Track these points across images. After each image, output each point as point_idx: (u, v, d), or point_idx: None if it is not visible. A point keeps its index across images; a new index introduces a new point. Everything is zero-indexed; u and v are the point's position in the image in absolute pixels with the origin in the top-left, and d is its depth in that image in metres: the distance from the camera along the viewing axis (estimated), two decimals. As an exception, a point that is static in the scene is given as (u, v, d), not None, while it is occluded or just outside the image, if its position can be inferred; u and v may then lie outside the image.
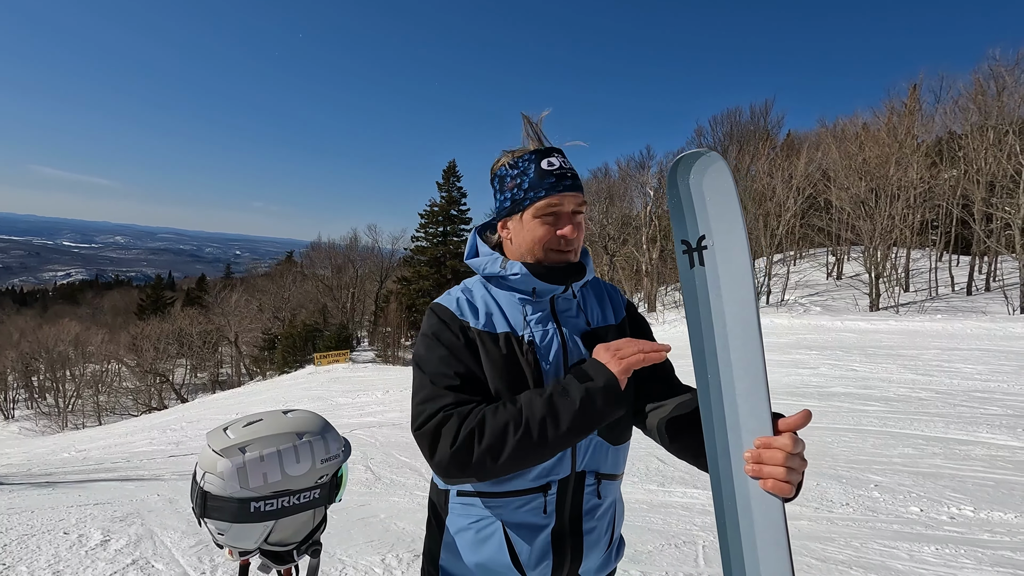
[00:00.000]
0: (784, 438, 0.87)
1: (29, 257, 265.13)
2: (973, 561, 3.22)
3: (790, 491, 0.86)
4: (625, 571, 3.27)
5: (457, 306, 1.19)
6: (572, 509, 1.18)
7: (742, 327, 0.92)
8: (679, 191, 0.96)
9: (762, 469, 0.87)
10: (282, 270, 55.56)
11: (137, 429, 16.44)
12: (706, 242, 0.95)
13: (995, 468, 4.91)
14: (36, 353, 44.39)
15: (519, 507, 1.15)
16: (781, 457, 0.86)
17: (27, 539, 4.06)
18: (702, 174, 0.95)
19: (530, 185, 1.15)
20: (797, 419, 0.88)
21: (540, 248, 1.17)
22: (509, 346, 1.15)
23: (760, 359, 0.91)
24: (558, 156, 1.18)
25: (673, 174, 0.96)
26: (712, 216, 0.94)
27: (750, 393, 0.91)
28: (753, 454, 0.88)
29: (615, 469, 1.24)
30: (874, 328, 17.65)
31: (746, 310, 0.92)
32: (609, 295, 1.33)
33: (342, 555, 3.66)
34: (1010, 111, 24.42)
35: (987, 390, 8.23)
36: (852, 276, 30.43)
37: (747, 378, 0.91)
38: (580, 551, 1.19)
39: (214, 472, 1.07)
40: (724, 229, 0.94)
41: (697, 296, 0.96)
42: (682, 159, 0.95)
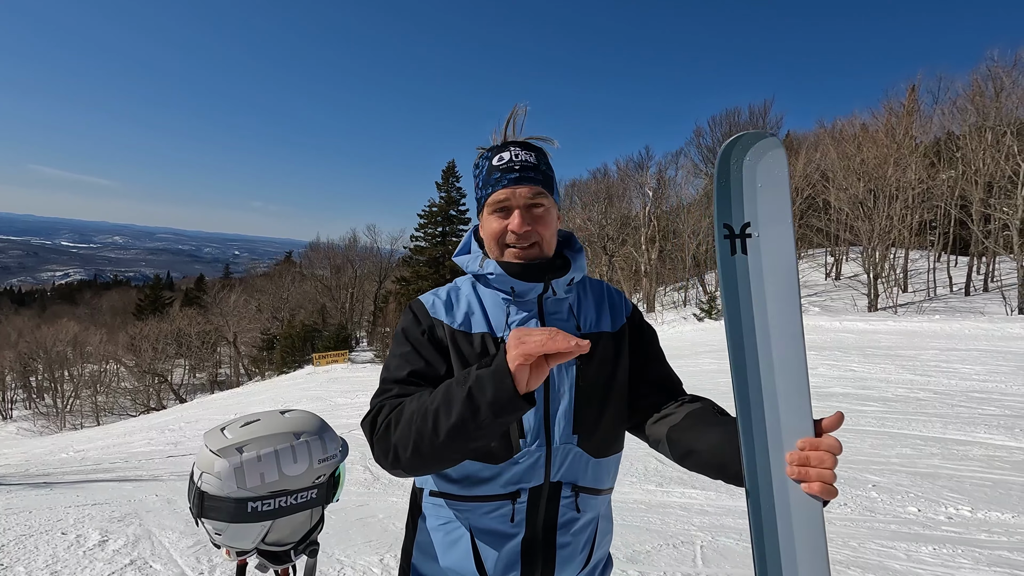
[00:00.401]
0: (831, 439, 0.84)
1: (27, 257, 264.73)
2: (971, 561, 3.23)
3: (837, 493, 0.85)
4: (623, 571, 3.27)
5: (432, 304, 1.17)
6: (546, 520, 1.12)
7: (784, 321, 0.88)
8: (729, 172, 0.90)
9: (808, 472, 0.83)
10: (281, 270, 55.54)
11: (135, 429, 16.42)
12: (751, 230, 0.89)
13: (993, 468, 4.92)
14: (34, 353, 44.33)
15: (487, 513, 1.11)
16: (831, 459, 0.82)
17: (25, 539, 4.05)
18: (758, 158, 0.89)
19: (483, 182, 1.15)
20: (835, 420, 0.85)
21: (496, 244, 1.14)
22: (484, 347, 1.12)
23: (802, 356, 0.87)
24: (513, 149, 1.13)
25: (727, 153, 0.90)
26: (761, 204, 0.89)
27: (792, 392, 0.87)
28: (798, 456, 0.84)
29: (597, 483, 1.17)
30: (872, 328, 17.66)
31: (789, 305, 0.88)
32: (611, 300, 1.25)
33: (340, 555, 3.66)
34: (1008, 112, 24.47)
35: (985, 390, 8.24)
36: (851, 276, 30.49)
37: (789, 376, 0.87)
38: (552, 566, 1.12)
39: (211, 472, 1.07)
40: (772, 219, 0.89)
41: (737, 285, 0.90)
42: (741, 138, 0.89)
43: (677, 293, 37.85)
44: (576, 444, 1.12)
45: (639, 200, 38.33)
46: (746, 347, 0.89)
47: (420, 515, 1.20)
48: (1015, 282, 22.25)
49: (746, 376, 0.89)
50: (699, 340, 19.66)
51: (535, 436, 1.10)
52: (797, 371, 0.87)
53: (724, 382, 10.58)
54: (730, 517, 4.14)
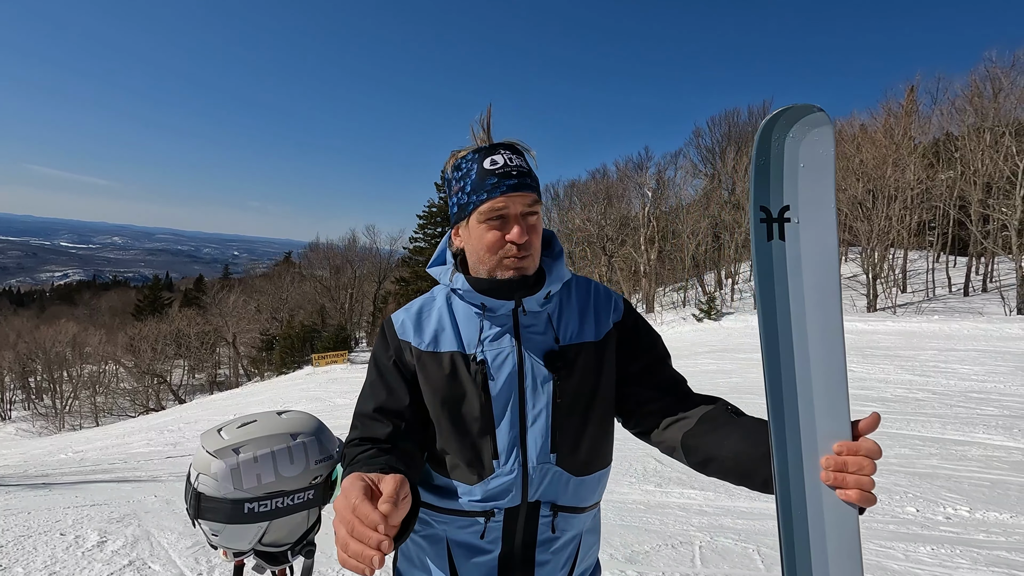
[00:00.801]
0: (870, 443, 0.79)
1: (26, 258, 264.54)
2: (968, 561, 3.23)
3: (876, 500, 0.80)
4: (622, 571, 3.28)
5: (401, 324, 1.13)
6: (524, 538, 1.08)
7: (823, 315, 0.81)
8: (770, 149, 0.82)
9: (846, 478, 0.78)
10: (280, 271, 55.50)
11: (134, 430, 16.41)
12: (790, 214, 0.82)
13: (991, 468, 4.92)
14: (33, 354, 44.28)
15: (463, 527, 1.09)
16: (871, 465, 0.77)
17: (24, 540, 4.05)
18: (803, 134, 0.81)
19: (472, 188, 1.04)
20: (872, 421, 0.80)
21: (491, 255, 1.05)
22: (454, 366, 1.07)
23: (841, 354, 0.81)
24: (504, 153, 1.04)
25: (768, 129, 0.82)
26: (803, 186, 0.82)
27: (829, 391, 0.81)
28: (834, 461, 0.78)
29: (579, 502, 1.11)
30: (871, 329, 17.68)
31: (829, 297, 0.81)
32: (596, 305, 1.17)
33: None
34: (1006, 113, 24.51)
35: (983, 391, 8.25)
36: (849, 277, 30.49)
37: (826, 374, 0.81)
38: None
39: (208, 473, 1.07)
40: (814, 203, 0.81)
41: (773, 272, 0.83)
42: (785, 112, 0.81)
43: (676, 294, 37.85)
44: (555, 463, 1.07)
45: (638, 200, 38.37)
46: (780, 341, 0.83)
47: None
48: (1014, 282, 22.27)
49: (780, 373, 0.82)
50: (698, 340, 19.67)
51: (508, 456, 1.05)
52: (835, 370, 0.81)
53: (723, 383, 10.60)
54: (728, 517, 4.14)
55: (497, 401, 1.05)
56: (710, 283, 38.12)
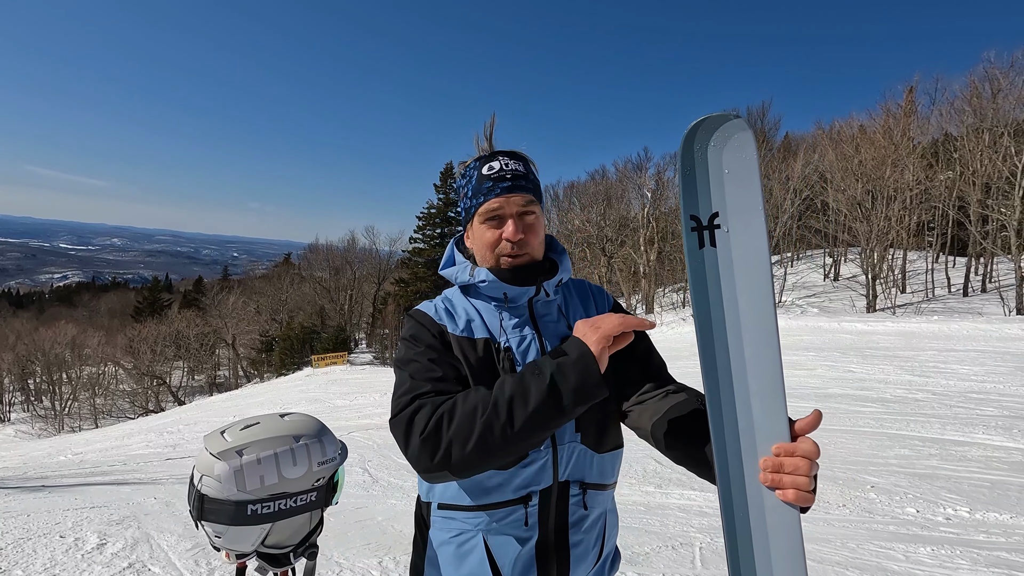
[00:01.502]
0: (808, 443, 0.79)
1: (25, 259, 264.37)
2: (968, 562, 3.23)
3: (812, 500, 0.80)
4: (623, 573, 3.28)
5: (435, 311, 1.18)
6: (557, 521, 1.13)
7: (757, 318, 0.83)
8: (694, 159, 0.85)
9: (783, 479, 0.79)
10: (280, 272, 55.50)
11: (134, 432, 16.39)
12: (719, 220, 0.84)
13: (991, 469, 4.93)
14: (32, 356, 44.25)
15: (500, 520, 1.11)
16: (807, 466, 0.78)
17: (23, 543, 4.05)
18: (723, 143, 0.84)
19: (473, 192, 1.15)
20: (811, 421, 0.81)
21: (490, 253, 1.15)
22: (488, 351, 1.13)
23: (776, 355, 0.82)
24: (502, 159, 1.15)
25: (690, 139, 0.85)
26: (729, 192, 0.84)
27: (765, 393, 0.82)
28: (772, 462, 0.80)
29: (602, 479, 1.18)
30: (871, 329, 17.69)
31: (762, 300, 0.83)
32: (595, 297, 1.28)
33: (339, 558, 3.66)
34: (1005, 113, 24.56)
35: (983, 391, 8.26)
36: (849, 278, 30.53)
37: (762, 376, 0.82)
38: (567, 565, 1.14)
39: (211, 475, 1.07)
40: (742, 208, 0.83)
41: (706, 279, 0.85)
42: (703, 123, 0.84)
43: (676, 294, 37.85)
44: (579, 441, 1.13)
45: (638, 201, 38.41)
46: (716, 346, 0.85)
47: (428, 529, 1.19)
48: (1013, 283, 22.28)
49: (717, 377, 0.84)
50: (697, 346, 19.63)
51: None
52: (771, 371, 0.82)
53: (723, 383, 10.59)
54: (729, 518, 4.14)
55: None
56: (709, 284, 38.06)
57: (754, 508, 0.82)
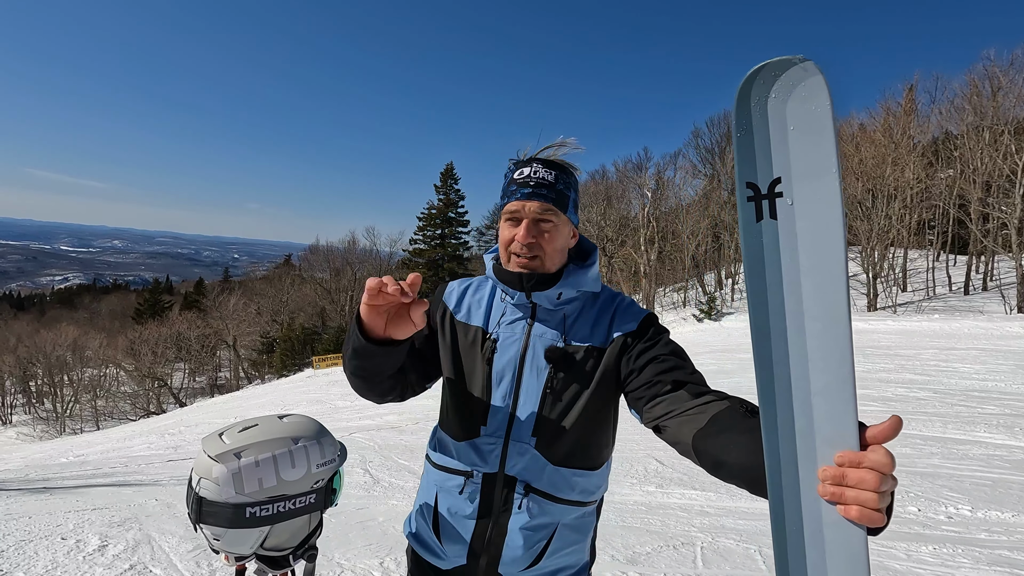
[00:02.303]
0: (878, 454, 0.67)
1: (26, 261, 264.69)
2: (970, 560, 3.23)
3: (882, 520, 0.67)
4: (624, 573, 3.27)
5: (450, 291, 1.34)
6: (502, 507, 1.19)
7: (825, 305, 0.69)
8: (751, 116, 0.71)
9: (845, 493, 0.67)
10: (280, 273, 55.54)
11: (135, 434, 16.40)
12: (782, 187, 0.70)
13: (992, 467, 4.92)
14: (34, 358, 44.28)
15: (449, 484, 1.23)
16: (875, 480, 0.66)
17: (24, 545, 4.05)
18: (787, 93, 0.69)
19: (504, 192, 1.23)
20: (889, 427, 0.67)
21: (504, 251, 1.22)
22: (475, 339, 1.25)
23: (848, 350, 0.68)
24: (534, 166, 1.19)
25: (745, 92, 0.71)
26: (795, 153, 0.69)
27: (830, 392, 0.69)
28: (833, 472, 0.68)
29: (556, 491, 1.16)
30: (872, 328, 17.68)
31: (833, 283, 0.69)
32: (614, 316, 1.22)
33: (340, 559, 3.65)
34: (1005, 111, 24.55)
35: (984, 389, 8.25)
36: (850, 276, 30.51)
37: (827, 372, 0.69)
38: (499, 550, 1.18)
39: (209, 477, 1.07)
40: (811, 172, 0.69)
41: (764, 258, 0.71)
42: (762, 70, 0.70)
43: (676, 294, 37.86)
44: (533, 447, 1.17)
45: (638, 201, 38.40)
46: (773, 335, 0.71)
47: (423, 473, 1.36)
48: (1014, 281, 22.27)
49: (772, 371, 0.72)
50: (699, 341, 19.66)
51: (496, 427, 1.19)
52: (840, 367, 0.69)
53: (724, 383, 10.57)
54: (730, 518, 4.14)
55: (496, 376, 1.20)
56: (710, 283, 38.13)
57: (810, 523, 0.70)
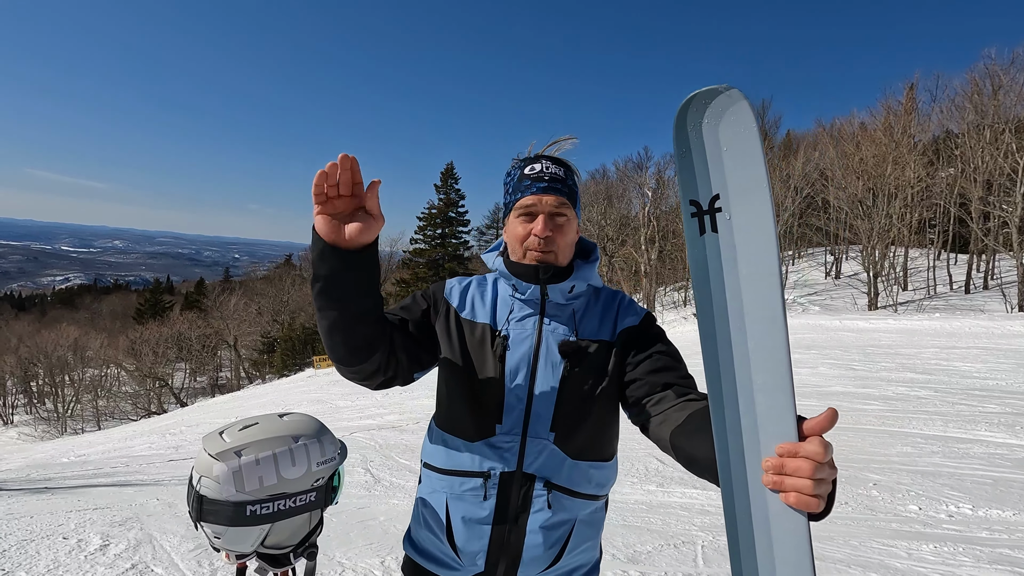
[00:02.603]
0: (812, 444, 0.73)
1: (27, 262, 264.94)
2: (971, 559, 3.22)
3: (819, 505, 0.73)
4: (624, 571, 3.27)
5: (451, 289, 1.29)
6: (520, 508, 1.14)
7: (763, 308, 0.76)
8: (688, 139, 0.79)
9: (784, 481, 0.73)
10: (281, 273, 55.52)
11: (136, 433, 16.42)
12: (720, 203, 0.77)
13: (993, 466, 4.92)
14: (35, 358, 44.33)
15: (461, 487, 1.18)
16: (809, 468, 0.72)
17: (26, 544, 4.05)
18: (718, 118, 0.77)
19: (513, 188, 1.22)
20: (823, 420, 0.74)
21: (519, 246, 1.21)
22: (483, 336, 1.21)
23: (784, 349, 0.75)
24: (545, 162, 1.21)
25: (682, 119, 0.79)
26: (729, 171, 0.77)
27: (771, 389, 0.76)
28: (774, 463, 0.74)
29: (573, 485, 1.16)
30: (873, 327, 17.66)
31: (769, 288, 0.75)
32: (618, 312, 1.26)
33: (341, 558, 3.66)
34: (1006, 110, 24.52)
35: (985, 388, 8.24)
36: (851, 275, 30.50)
37: (767, 371, 0.76)
38: (519, 553, 1.14)
39: (210, 476, 1.07)
40: (744, 187, 0.76)
41: (708, 269, 0.79)
42: (694, 98, 0.78)
43: (677, 293, 37.84)
44: (552, 442, 1.15)
45: (638, 200, 38.37)
46: (718, 339, 0.78)
47: (420, 484, 1.30)
48: (1015, 279, 22.25)
49: (719, 371, 0.79)
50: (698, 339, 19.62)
51: (513, 425, 1.16)
52: (778, 365, 0.75)
53: (724, 382, 10.59)
54: (731, 517, 4.14)
55: (510, 373, 1.17)
56: (711, 282, 38.04)
57: (757, 511, 0.77)
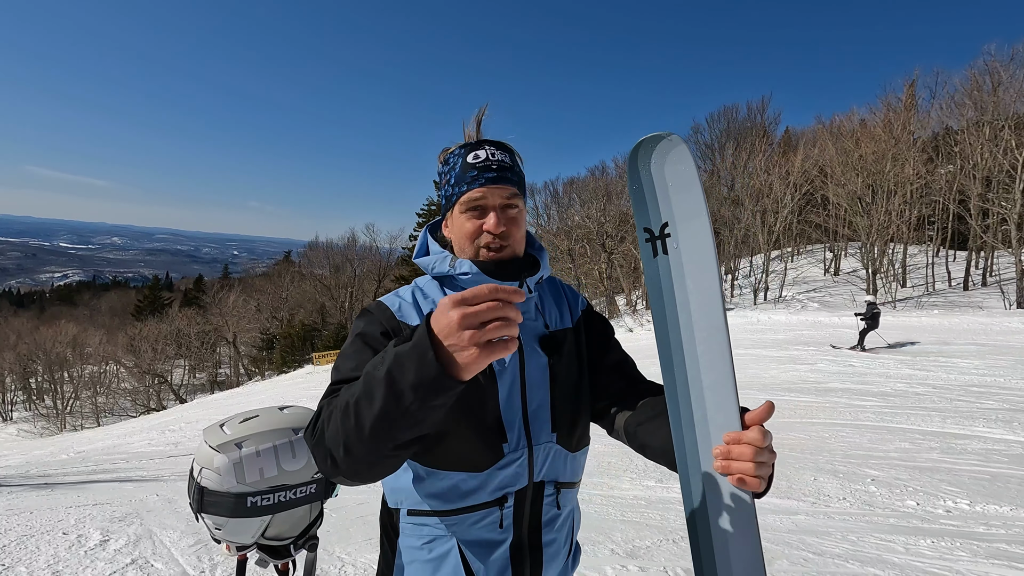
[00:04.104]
0: (753, 432, 0.84)
1: (26, 259, 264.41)
2: (968, 554, 3.24)
3: (760, 485, 0.84)
4: (623, 567, 3.28)
5: (399, 308, 1.10)
6: (531, 521, 1.11)
7: (708, 318, 0.89)
8: (640, 176, 0.93)
9: (731, 465, 0.84)
10: (280, 270, 55.50)
11: (136, 430, 16.42)
12: (669, 229, 0.92)
13: (991, 462, 4.93)
14: (34, 355, 44.27)
15: (475, 523, 1.07)
16: (750, 452, 0.83)
17: (26, 540, 4.06)
18: (663, 158, 0.91)
19: (456, 180, 1.09)
20: (762, 412, 0.85)
21: (470, 244, 1.09)
22: None
23: (727, 352, 0.88)
24: (488, 148, 1.09)
25: (633, 159, 0.93)
26: (675, 203, 0.91)
27: (717, 387, 0.89)
28: (722, 450, 0.86)
29: (574, 477, 1.19)
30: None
31: (711, 300, 0.89)
32: (567, 296, 1.27)
33: (341, 553, 3.67)
34: (1006, 106, 24.46)
35: (983, 384, 8.26)
36: (849, 272, 30.51)
37: (714, 372, 0.89)
38: (540, 564, 1.13)
39: (211, 468, 1.07)
40: (687, 216, 0.91)
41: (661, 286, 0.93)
42: (642, 143, 0.92)
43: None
44: (555, 442, 1.12)
45: (638, 197, 38.22)
46: (672, 345, 0.91)
47: (398, 537, 1.13)
48: (1013, 276, 22.26)
49: (674, 374, 0.91)
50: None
51: (517, 439, 1.08)
52: (722, 366, 0.88)
53: (723, 378, 10.61)
54: (729, 512, 4.15)
55: (503, 386, 1.08)
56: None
57: (711, 493, 0.89)
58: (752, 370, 11.08)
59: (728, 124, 40.40)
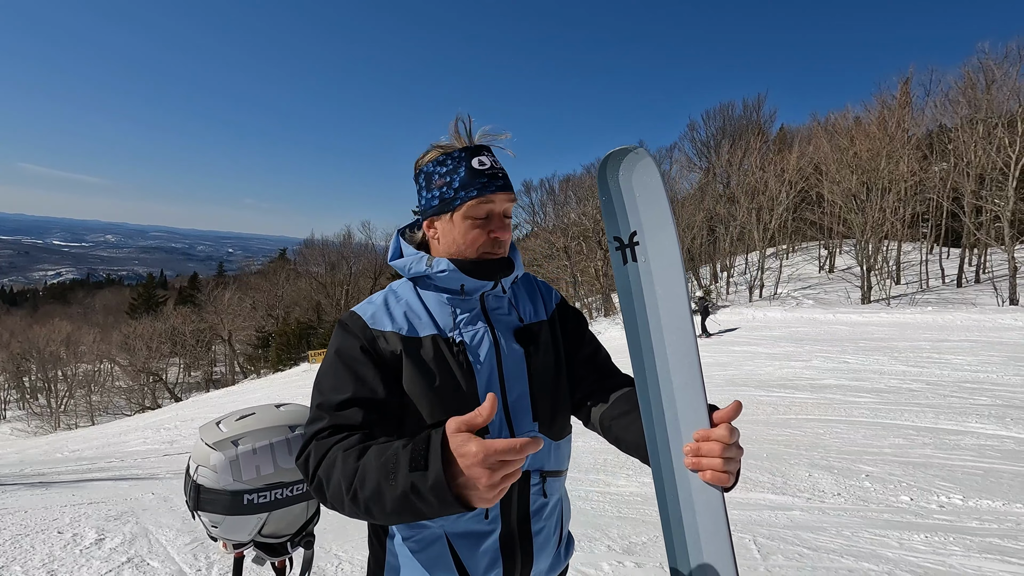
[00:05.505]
0: (721, 429, 0.88)
1: (19, 256, 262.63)
2: (962, 548, 3.27)
3: (729, 480, 0.88)
4: (619, 563, 3.30)
5: (372, 316, 1.10)
6: (519, 511, 1.13)
7: (676, 321, 0.93)
8: (609, 188, 0.97)
9: (700, 461, 0.89)
10: (275, 268, 55.33)
11: (131, 428, 16.36)
12: (638, 238, 0.96)
13: (984, 457, 4.97)
14: (27, 353, 44.04)
15: (460, 516, 1.08)
16: (719, 448, 0.87)
17: (21, 539, 4.04)
18: (631, 171, 0.95)
19: (461, 184, 1.08)
20: (729, 411, 0.89)
21: (473, 249, 1.11)
22: (436, 349, 1.08)
23: (694, 352, 0.92)
24: (488, 155, 1.12)
25: (603, 171, 0.97)
26: (643, 212, 0.95)
27: (686, 387, 0.92)
28: (692, 447, 0.90)
29: (559, 465, 1.20)
30: (866, 320, 17.76)
31: (679, 304, 0.93)
32: (540, 291, 1.30)
33: (338, 550, 3.67)
34: (999, 105, 24.56)
35: (976, 380, 8.31)
36: (844, 269, 30.65)
37: (683, 372, 0.93)
38: (531, 554, 1.15)
39: (207, 465, 1.07)
40: (654, 225, 0.94)
41: (631, 292, 0.96)
42: (610, 156, 0.96)
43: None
44: (537, 431, 1.15)
45: (634, 195, 38.24)
46: (643, 348, 0.95)
47: (387, 534, 1.14)
48: (1006, 273, 22.39)
49: (645, 376, 0.95)
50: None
51: (498, 430, 1.09)
52: (690, 367, 0.92)
53: (719, 375, 10.65)
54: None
55: (481, 380, 1.10)
56: (705, 277, 38.21)
57: (682, 489, 0.93)
58: (747, 367, 11.12)
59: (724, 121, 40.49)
